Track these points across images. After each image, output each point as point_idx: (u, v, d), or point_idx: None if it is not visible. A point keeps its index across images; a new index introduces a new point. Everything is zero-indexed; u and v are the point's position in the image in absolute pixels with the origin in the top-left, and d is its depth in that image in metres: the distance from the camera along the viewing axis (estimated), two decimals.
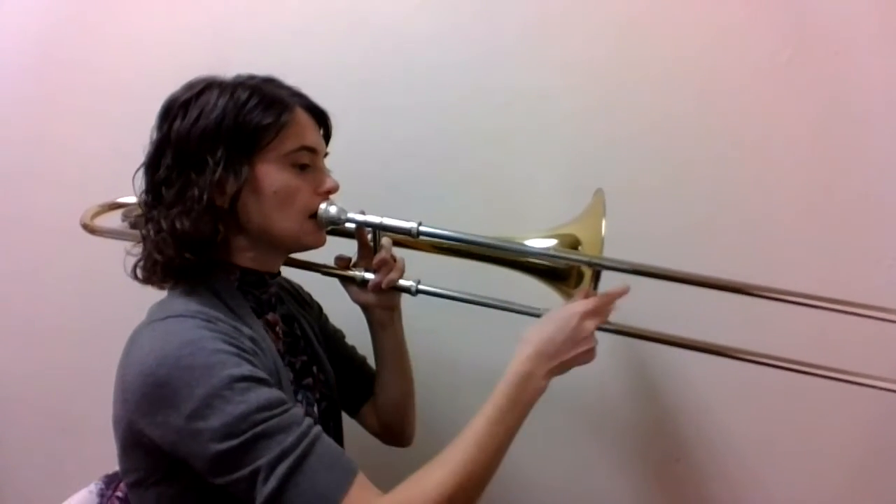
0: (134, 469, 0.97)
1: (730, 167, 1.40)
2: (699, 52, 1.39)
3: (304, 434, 0.87)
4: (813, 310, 0.97)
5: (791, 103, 1.36)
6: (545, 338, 0.98)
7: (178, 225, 0.96)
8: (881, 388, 0.98)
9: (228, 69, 1.06)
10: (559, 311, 1.01)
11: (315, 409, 1.14)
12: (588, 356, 1.01)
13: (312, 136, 1.07)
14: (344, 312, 1.28)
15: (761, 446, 1.44)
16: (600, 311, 1.02)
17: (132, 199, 1.28)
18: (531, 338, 0.99)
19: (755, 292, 0.99)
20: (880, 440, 1.37)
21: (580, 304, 1.01)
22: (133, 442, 0.94)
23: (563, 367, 0.99)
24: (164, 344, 0.89)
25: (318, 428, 0.90)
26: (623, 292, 1.05)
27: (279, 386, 0.96)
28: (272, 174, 1.01)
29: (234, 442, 0.84)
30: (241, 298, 1.04)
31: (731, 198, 1.40)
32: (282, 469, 0.84)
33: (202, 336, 0.90)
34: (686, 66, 1.40)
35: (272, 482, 0.83)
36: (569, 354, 0.98)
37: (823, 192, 1.36)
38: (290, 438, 0.86)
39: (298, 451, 0.85)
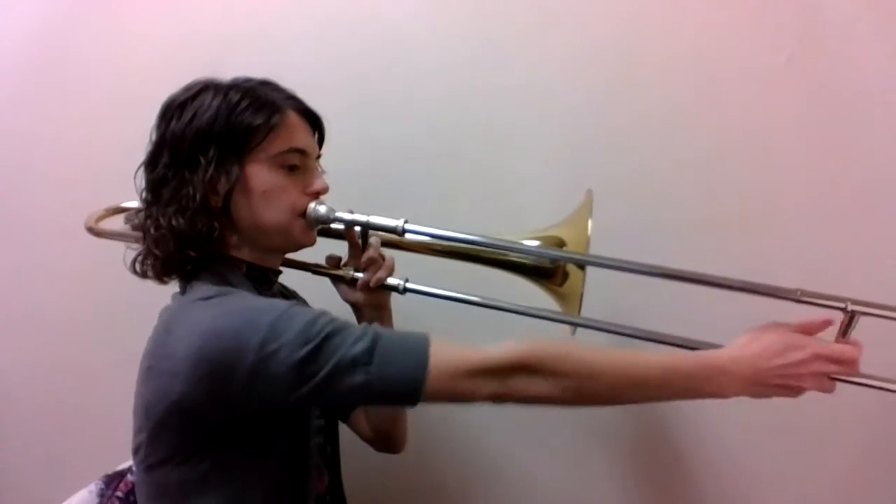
0: (162, 447, 0.97)
1: (729, 166, 1.39)
2: (699, 51, 1.39)
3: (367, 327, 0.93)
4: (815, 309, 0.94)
5: (791, 102, 1.35)
6: (757, 350, 0.90)
7: (174, 223, 0.99)
8: (878, 388, 0.94)
9: (228, 69, 1.08)
10: (798, 336, 0.92)
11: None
12: (790, 391, 0.92)
13: (303, 138, 1.09)
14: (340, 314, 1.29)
15: (760, 444, 1.43)
16: (839, 360, 0.90)
17: (136, 204, 1.31)
18: (749, 340, 0.92)
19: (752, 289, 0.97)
20: (877, 438, 1.36)
21: (820, 343, 0.90)
22: (171, 419, 0.94)
23: (761, 390, 0.91)
24: (219, 313, 0.93)
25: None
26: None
27: None
28: (261, 174, 1.03)
29: (311, 346, 0.88)
30: (252, 290, 1.06)
31: (731, 196, 1.39)
32: (363, 344, 0.88)
33: (243, 296, 0.97)
34: (685, 65, 1.40)
35: (361, 345, 0.88)
36: (773, 380, 0.90)
37: (823, 191, 1.35)
38: (357, 330, 0.91)
39: (371, 334, 0.90)
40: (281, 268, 1.16)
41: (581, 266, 1.07)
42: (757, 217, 1.38)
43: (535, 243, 1.12)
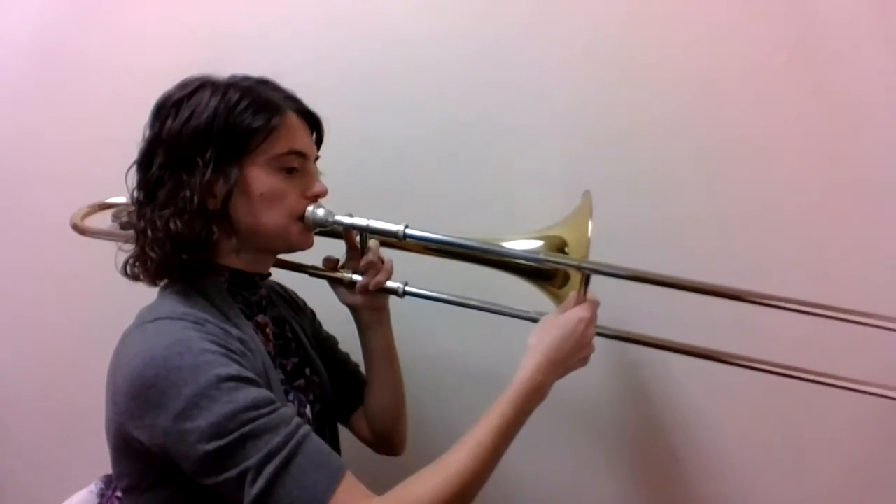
0: (126, 474, 0.98)
1: (729, 166, 1.39)
2: (698, 52, 1.39)
3: (292, 434, 0.87)
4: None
5: (790, 103, 1.35)
6: (554, 346, 1.00)
7: (172, 226, 0.97)
8: (873, 394, 0.97)
9: (226, 67, 1.07)
10: (561, 317, 1.02)
11: (308, 410, 1.14)
12: (584, 361, 1.05)
13: (303, 140, 1.07)
14: (337, 316, 1.28)
15: (757, 446, 1.43)
16: (595, 318, 1.05)
17: (122, 199, 1.29)
18: (539, 345, 1.00)
19: (748, 298, 0.99)
20: (872, 439, 1.36)
21: (581, 310, 1.02)
22: (123, 446, 0.94)
23: (564, 373, 1.02)
24: (152, 345, 0.90)
25: (306, 427, 0.90)
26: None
27: (268, 387, 0.96)
28: (260, 177, 1.01)
29: (222, 442, 0.84)
30: (229, 300, 1.04)
31: (731, 197, 1.39)
32: (269, 470, 0.84)
33: (190, 337, 0.90)
34: (685, 66, 1.39)
35: (259, 483, 0.83)
36: (572, 360, 1.02)
37: (823, 191, 1.34)
38: (277, 439, 0.86)
39: (286, 452, 0.85)
40: (279, 269, 1.15)
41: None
42: (757, 217, 1.38)
43: (537, 244, 1.11)
